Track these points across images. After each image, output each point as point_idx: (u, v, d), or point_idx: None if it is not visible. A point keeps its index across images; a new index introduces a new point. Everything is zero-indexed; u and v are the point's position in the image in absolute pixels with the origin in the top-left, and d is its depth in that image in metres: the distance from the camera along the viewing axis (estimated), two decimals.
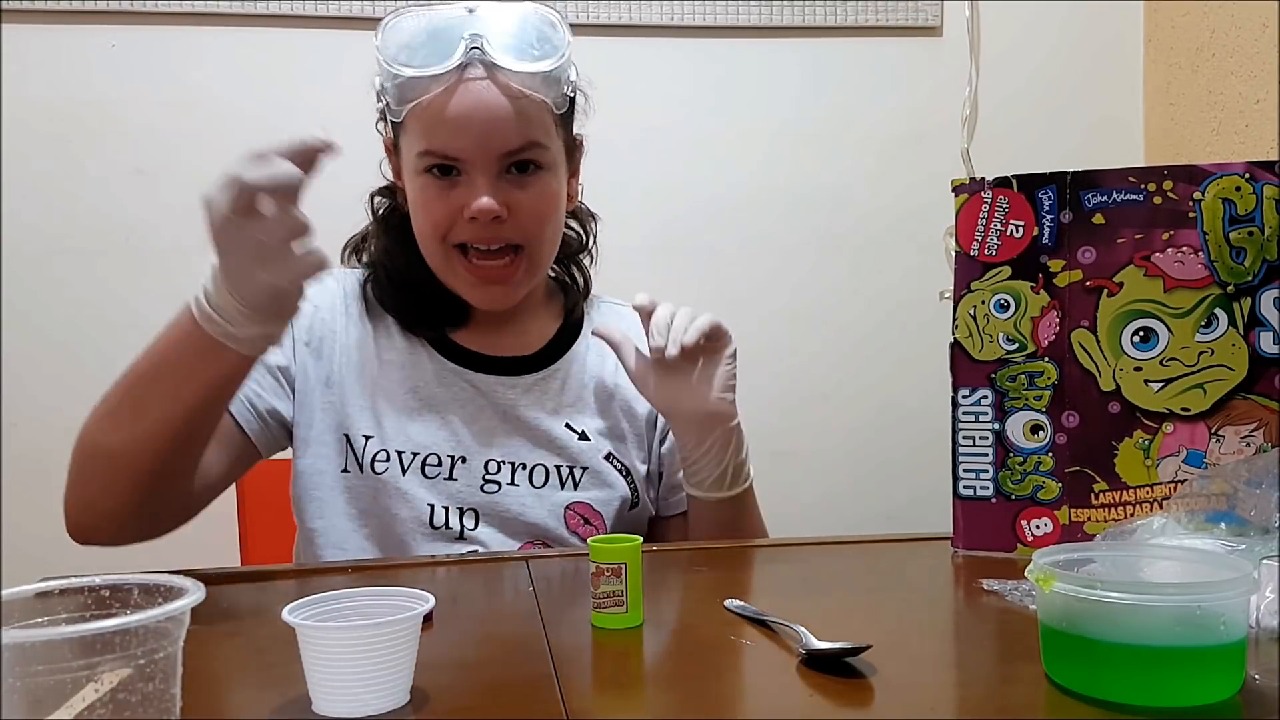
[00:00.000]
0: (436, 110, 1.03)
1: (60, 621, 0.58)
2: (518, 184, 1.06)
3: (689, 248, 2.01)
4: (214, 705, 0.66)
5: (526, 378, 1.15)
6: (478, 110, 1.03)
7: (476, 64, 1.03)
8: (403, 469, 1.09)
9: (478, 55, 1.02)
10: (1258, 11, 1.78)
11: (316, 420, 1.11)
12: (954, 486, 0.99)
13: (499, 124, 1.03)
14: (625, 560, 0.78)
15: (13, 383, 1.83)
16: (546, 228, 1.10)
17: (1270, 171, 0.91)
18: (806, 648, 0.70)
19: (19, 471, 1.83)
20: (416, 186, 1.08)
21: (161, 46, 1.86)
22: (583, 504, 1.13)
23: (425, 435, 1.10)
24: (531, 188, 1.07)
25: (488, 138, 1.03)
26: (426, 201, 1.07)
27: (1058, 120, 2.10)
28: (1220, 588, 0.61)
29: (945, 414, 0.99)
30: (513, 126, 1.04)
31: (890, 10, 2.03)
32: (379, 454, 1.09)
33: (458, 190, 1.05)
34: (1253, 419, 0.93)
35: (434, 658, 0.68)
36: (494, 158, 1.04)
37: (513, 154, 1.05)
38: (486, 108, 1.03)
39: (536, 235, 1.09)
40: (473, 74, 1.03)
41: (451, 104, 1.03)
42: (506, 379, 1.14)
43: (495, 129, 1.03)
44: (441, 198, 1.06)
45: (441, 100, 1.03)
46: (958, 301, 0.98)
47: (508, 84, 1.03)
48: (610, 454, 1.15)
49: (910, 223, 2.05)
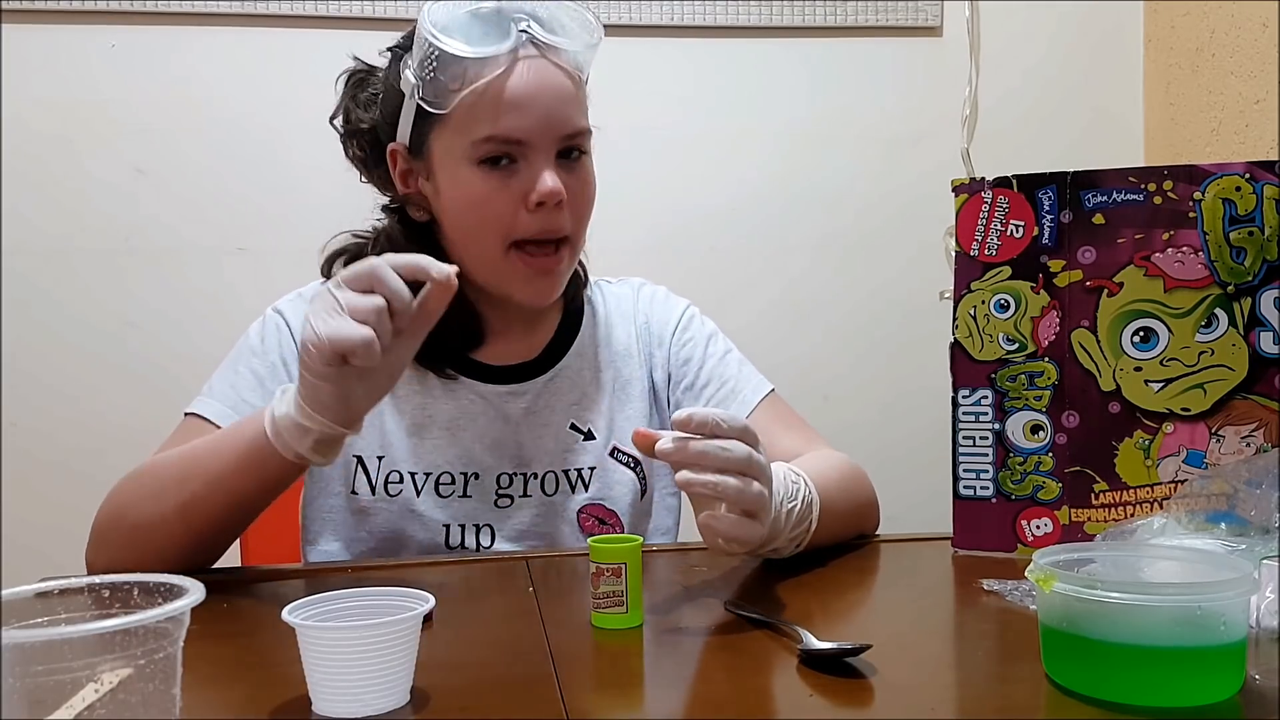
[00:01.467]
0: (497, 92, 1.00)
1: (60, 621, 0.58)
2: (568, 170, 1.04)
3: (688, 247, 2.01)
4: (214, 705, 0.66)
5: (534, 382, 1.13)
6: (542, 90, 1.01)
7: (528, 44, 1.01)
8: (417, 490, 1.08)
9: (529, 36, 1.01)
10: (1258, 11, 1.78)
11: None
12: (954, 486, 0.99)
13: (562, 105, 1.02)
14: (625, 560, 0.78)
15: (14, 382, 1.83)
16: (588, 215, 1.08)
17: (1270, 171, 0.91)
18: (806, 648, 0.70)
19: (19, 471, 1.83)
20: (469, 181, 1.03)
21: (161, 46, 1.86)
22: (595, 505, 1.12)
23: (437, 454, 1.09)
24: (578, 173, 1.05)
25: (551, 119, 1.01)
26: (485, 197, 1.02)
27: (1058, 120, 2.10)
28: (1220, 588, 0.61)
29: (945, 414, 0.99)
30: (571, 106, 1.03)
31: (890, 10, 2.03)
32: (392, 475, 1.08)
33: (516, 180, 1.02)
34: (1253, 419, 0.93)
35: (434, 658, 0.68)
36: (556, 139, 1.02)
37: (570, 136, 1.03)
38: (551, 87, 1.01)
39: (581, 223, 1.07)
40: (525, 53, 1.01)
41: (512, 84, 1.00)
42: (514, 387, 1.12)
43: (558, 110, 1.02)
44: (503, 188, 1.02)
45: (500, 81, 1.00)
46: (958, 301, 0.98)
47: (560, 63, 1.03)
48: (615, 448, 1.14)
49: (910, 223, 2.05)
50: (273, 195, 1.90)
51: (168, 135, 1.87)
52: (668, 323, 1.20)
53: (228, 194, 1.89)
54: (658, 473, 1.17)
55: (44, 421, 1.84)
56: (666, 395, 1.19)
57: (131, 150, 1.86)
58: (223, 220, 1.89)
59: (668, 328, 1.20)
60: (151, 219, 1.87)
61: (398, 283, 0.81)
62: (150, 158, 1.87)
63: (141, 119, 1.86)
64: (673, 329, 1.20)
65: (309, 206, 1.87)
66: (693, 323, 1.21)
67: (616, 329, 1.19)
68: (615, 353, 1.18)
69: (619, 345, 1.18)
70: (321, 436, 0.86)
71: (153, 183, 1.87)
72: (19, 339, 1.83)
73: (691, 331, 1.20)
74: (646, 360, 1.19)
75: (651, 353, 1.19)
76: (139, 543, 0.93)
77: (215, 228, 1.89)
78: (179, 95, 1.87)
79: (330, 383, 0.82)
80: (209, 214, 1.89)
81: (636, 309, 1.21)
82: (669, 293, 1.25)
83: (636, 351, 1.18)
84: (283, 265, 1.87)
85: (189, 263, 1.88)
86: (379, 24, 1.87)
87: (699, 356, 1.18)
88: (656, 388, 1.19)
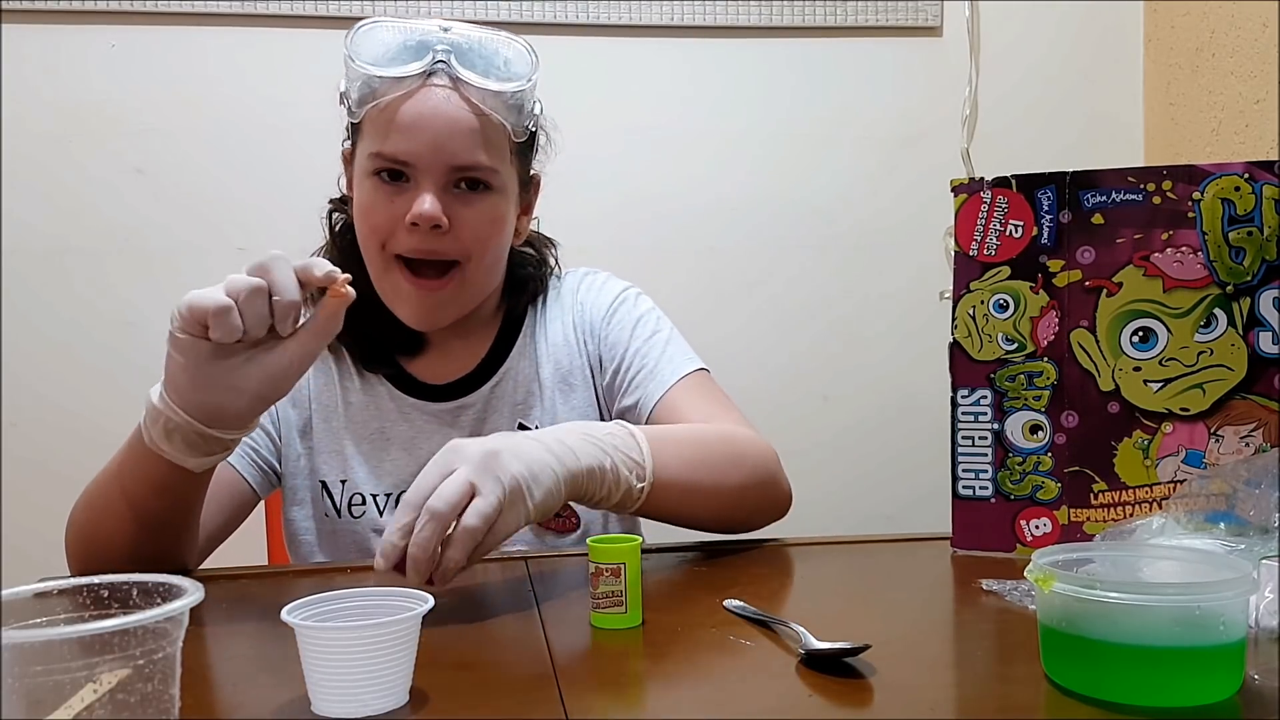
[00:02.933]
0: (393, 111, 1.02)
1: (59, 621, 0.58)
2: (464, 200, 1.05)
3: (687, 247, 2.01)
4: (214, 705, 0.66)
5: (479, 392, 1.15)
6: (435, 118, 1.02)
7: (442, 74, 1.03)
8: (379, 510, 1.11)
9: (444, 67, 1.02)
10: (1258, 11, 1.78)
11: (299, 468, 1.13)
12: (953, 486, 0.99)
13: (455, 135, 1.02)
14: (624, 560, 0.78)
15: (13, 383, 1.83)
16: (488, 249, 1.08)
17: (1269, 172, 0.91)
18: (806, 648, 0.70)
19: (19, 471, 1.83)
20: (364, 191, 1.06)
21: (161, 46, 1.86)
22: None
23: (396, 474, 1.11)
24: (477, 205, 1.05)
25: (441, 146, 1.02)
26: (371, 204, 1.05)
27: (1057, 120, 2.10)
28: (1220, 588, 0.61)
29: (944, 414, 0.99)
30: (467, 141, 1.03)
31: (890, 10, 2.03)
32: (354, 498, 1.11)
33: (403, 197, 1.03)
34: (1252, 419, 0.93)
35: (434, 658, 0.68)
36: (444, 168, 1.03)
37: (463, 169, 1.04)
38: (444, 116, 1.02)
39: (476, 253, 1.06)
40: (436, 83, 1.03)
41: (409, 107, 1.02)
42: (462, 401, 1.14)
43: (450, 139, 1.02)
44: (386, 202, 1.04)
45: (399, 102, 1.02)
46: (957, 301, 0.98)
47: (468, 99, 1.03)
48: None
49: (909, 223, 2.05)
50: (272, 196, 1.90)
51: (167, 135, 1.87)
52: (599, 308, 1.20)
53: (227, 194, 1.89)
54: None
55: (42, 422, 1.84)
56: (600, 382, 1.19)
57: (131, 150, 1.86)
58: (222, 221, 1.89)
59: (599, 313, 1.19)
60: (150, 219, 1.87)
61: (286, 276, 0.80)
62: (149, 158, 1.86)
63: (141, 119, 1.86)
64: (603, 314, 1.19)
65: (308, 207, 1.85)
66: (623, 306, 1.20)
67: (554, 322, 1.19)
68: (554, 345, 1.18)
69: (556, 338, 1.18)
70: (174, 425, 0.83)
71: (152, 183, 1.87)
72: (17, 339, 1.83)
73: (620, 314, 1.19)
74: (583, 348, 1.19)
75: (585, 340, 1.19)
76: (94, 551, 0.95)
77: (214, 228, 1.89)
78: (178, 95, 1.87)
79: (184, 354, 0.80)
80: (208, 214, 1.89)
81: (575, 300, 1.21)
82: (609, 278, 1.24)
83: (575, 340, 1.18)
84: None
85: (188, 263, 1.88)
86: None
87: (624, 340, 1.17)
88: (595, 377, 1.18)
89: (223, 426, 0.84)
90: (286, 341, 0.82)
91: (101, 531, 0.94)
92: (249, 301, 0.78)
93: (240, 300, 0.78)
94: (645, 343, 1.16)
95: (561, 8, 1.90)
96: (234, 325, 0.78)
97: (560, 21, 1.89)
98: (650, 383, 1.13)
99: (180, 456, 0.85)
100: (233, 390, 0.82)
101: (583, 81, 1.91)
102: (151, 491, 0.90)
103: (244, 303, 0.78)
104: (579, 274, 1.24)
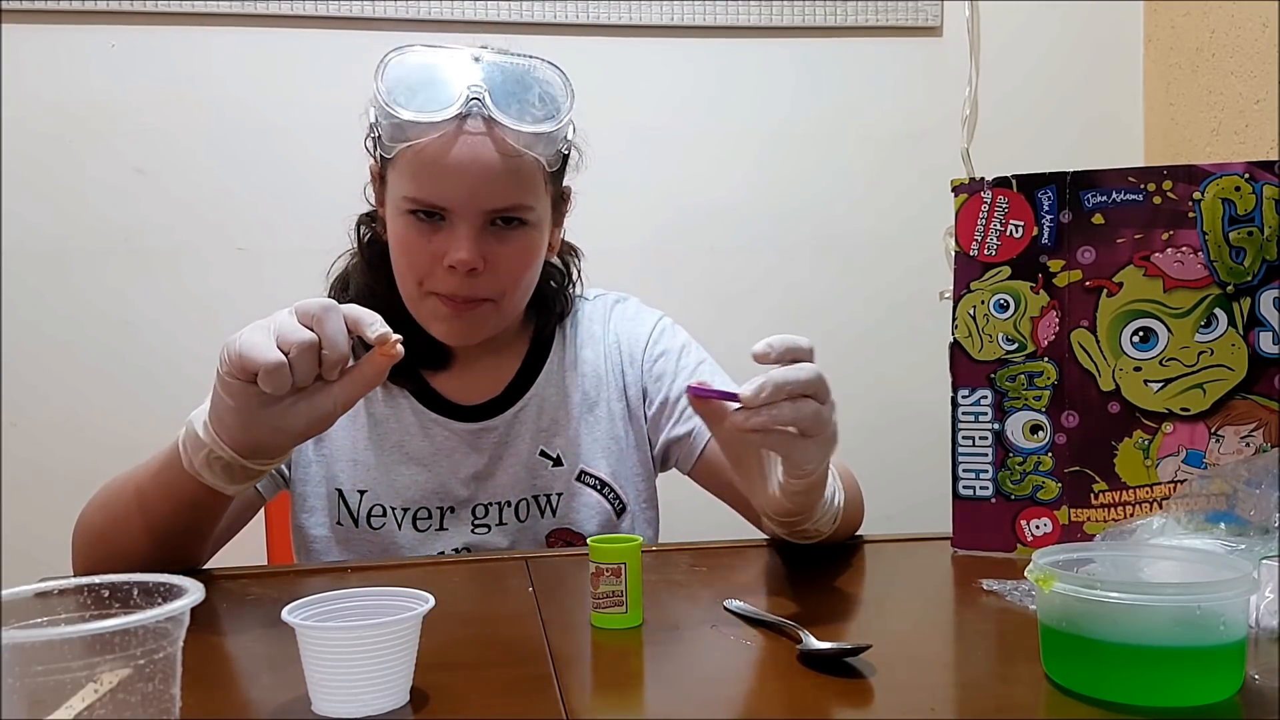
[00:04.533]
0: (429, 158, 1.00)
1: (60, 621, 0.58)
2: (500, 238, 1.04)
3: (687, 247, 2.01)
4: (214, 705, 0.66)
5: (503, 416, 1.14)
6: (472, 166, 1.00)
7: (476, 116, 1.00)
8: (398, 524, 1.10)
9: (478, 108, 1.00)
10: (1258, 11, 1.78)
11: (311, 475, 1.12)
12: (954, 486, 0.99)
13: (491, 181, 1.01)
14: (625, 560, 0.78)
15: (13, 383, 1.83)
16: (522, 281, 1.08)
17: (1270, 171, 0.91)
18: (806, 648, 0.70)
19: (19, 471, 1.83)
20: (399, 226, 1.05)
21: (161, 46, 1.86)
22: (562, 529, 1.13)
23: (414, 490, 1.11)
24: (513, 243, 1.05)
25: (476, 193, 1.01)
26: (407, 245, 1.05)
27: (1057, 120, 2.10)
28: (1220, 588, 0.61)
29: (945, 414, 0.99)
30: (504, 184, 1.02)
31: (890, 10, 2.03)
32: (374, 509, 1.10)
33: (439, 237, 1.02)
34: (1252, 419, 0.93)
35: (434, 658, 0.68)
36: (480, 212, 1.02)
37: (500, 211, 1.03)
38: (480, 164, 1.00)
39: (511, 289, 1.07)
40: (471, 127, 1.00)
41: (442, 151, 1.00)
42: (486, 424, 1.13)
43: (486, 185, 1.01)
44: (422, 243, 1.03)
45: (435, 149, 1.00)
46: (957, 301, 0.98)
47: (504, 140, 1.00)
48: (583, 471, 1.14)
49: (910, 223, 2.05)
50: (272, 196, 1.90)
51: (167, 135, 1.87)
52: (639, 339, 1.20)
53: (227, 194, 1.89)
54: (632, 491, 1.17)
55: (41, 422, 1.84)
56: (642, 412, 1.19)
57: (131, 150, 1.86)
58: (222, 221, 1.89)
59: (639, 345, 1.19)
60: (151, 219, 1.87)
61: (337, 329, 0.79)
62: (150, 158, 1.86)
63: (141, 119, 1.86)
64: (644, 345, 1.19)
65: (308, 207, 1.87)
66: (664, 336, 1.20)
67: (585, 350, 1.19)
68: (583, 375, 1.18)
69: (587, 367, 1.18)
70: (215, 456, 0.84)
71: (152, 183, 1.87)
72: (17, 339, 1.83)
73: (663, 345, 1.19)
74: (618, 379, 1.18)
75: (623, 371, 1.19)
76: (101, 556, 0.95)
77: (214, 228, 1.89)
78: (179, 95, 1.87)
79: (233, 398, 0.81)
80: (208, 214, 1.89)
81: (607, 329, 1.20)
82: (640, 306, 1.24)
83: (605, 372, 1.18)
84: (282, 266, 1.88)
85: (188, 263, 1.88)
86: (381, 24, 1.87)
87: (671, 370, 1.18)
88: (631, 406, 1.18)
89: (264, 459, 0.85)
90: (332, 385, 0.82)
91: (113, 540, 0.94)
92: (300, 357, 0.78)
93: (291, 355, 0.78)
94: (693, 373, 1.17)
95: (561, 8, 1.90)
96: (285, 380, 0.79)
97: (560, 21, 1.89)
98: None
99: (219, 484, 0.86)
100: (279, 431, 0.83)
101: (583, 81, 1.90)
102: (177, 507, 0.90)
103: (295, 358, 0.78)
104: (608, 300, 1.24)
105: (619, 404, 1.18)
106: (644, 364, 1.19)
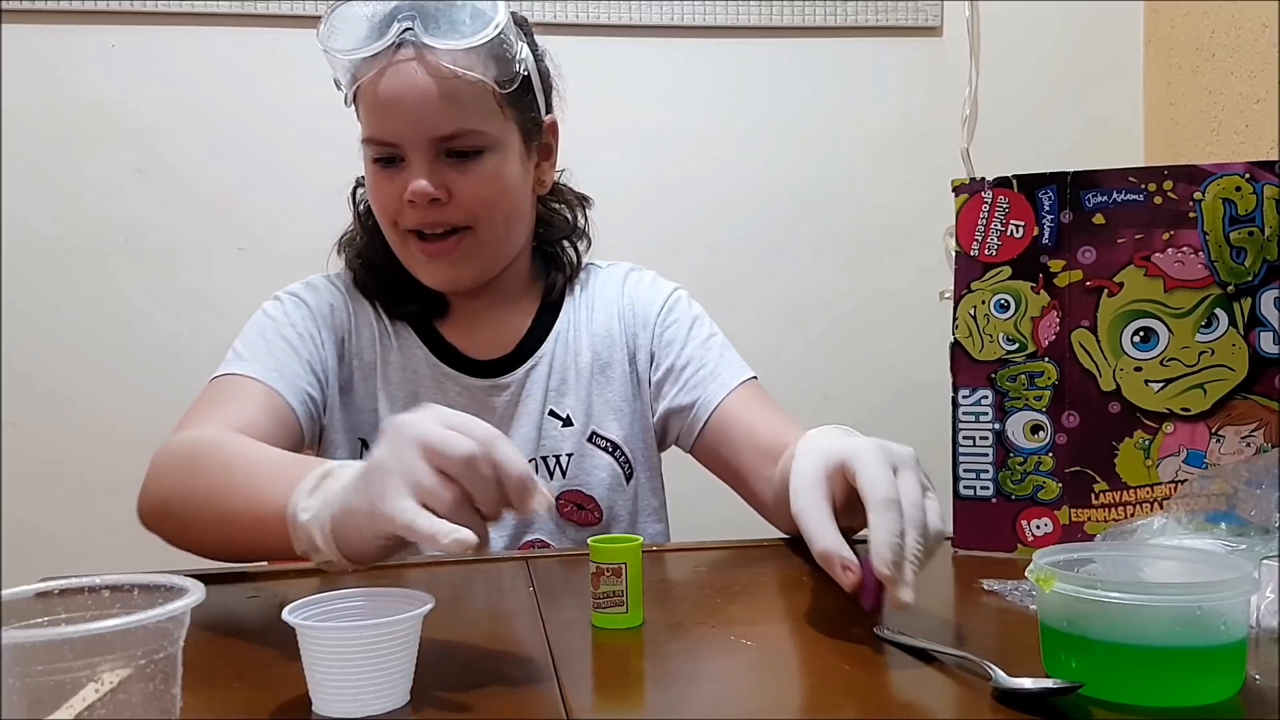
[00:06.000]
0: (370, 94, 1.03)
1: (60, 621, 0.58)
2: (457, 168, 1.05)
3: (687, 247, 2.01)
4: (214, 705, 0.66)
5: (514, 374, 1.14)
6: (408, 93, 1.01)
7: (408, 45, 1.01)
8: None
9: (410, 36, 1.01)
10: (1258, 11, 1.78)
11: (334, 423, 1.12)
12: (954, 486, 0.99)
13: (429, 106, 1.02)
14: (625, 560, 0.77)
15: (14, 382, 1.83)
16: (496, 209, 1.08)
17: (1270, 171, 0.91)
18: (999, 685, 0.62)
19: (20, 470, 1.83)
20: (369, 174, 1.08)
21: (162, 46, 1.86)
22: (573, 491, 1.13)
23: None
24: (473, 171, 1.05)
25: (416, 121, 1.02)
26: (375, 188, 1.08)
27: (1058, 120, 2.10)
28: (1220, 588, 0.61)
29: (945, 414, 0.99)
30: (445, 110, 1.02)
31: (890, 10, 2.03)
32: None
33: (400, 176, 1.04)
34: (1253, 419, 0.93)
35: (434, 658, 0.68)
36: (427, 141, 1.03)
37: (447, 139, 1.03)
38: (416, 90, 1.01)
39: (484, 217, 1.07)
40: (403, 55, 1.01)
41: (381, 86, 1.02)
42: (495, 381, 1.14)
43: (426, 112, 1.02)
44: (387, 183, 1.06)
45: (373, 84, 1.02)
46: (958, 301, 0.98)
47: (438, 64, 1.01)
48: (594, 433, 1.15)
49: (910, 223, 2.05)
50: (271, 196, 1.90)
51: (167, 135, 1.87)
52: (653, 304, 1.20)
53: (226, 194, 1.89)
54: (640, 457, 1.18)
55: (41, 422, 1.84)
56: (649, 378, 1.19)
57: (130, 150, 1.86)
58: (221, 221, 1.89)
59: (652, 309, 1.20)
60: (150, 219, 1.87)
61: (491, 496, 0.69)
62: (149, 158, 1.87)
63: (141, 119, 1.86)
64: (657, 311, 1.20)
65: (308, 207, 1.86)
66: (678, 305, 1.21)
67: (599, 312, 1.19)
68: (596, 336, 1.18)
69: (600, 329, 1.18)
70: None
71: (151, 183, 1.87)
72: (16, 339, 1.83)
73: (677, 313, 1.20)
74: (629, 343, 1.19)
75: (635, 334, 1.19)
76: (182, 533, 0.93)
77: (214, 228, 1.89)
78: (178, 95, 1.87)
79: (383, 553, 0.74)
80: (208, 214, 1.89)
81: (622, 293, 1.21)
82: (657, 276, 1.25)
83: (619, 334, 1.18)
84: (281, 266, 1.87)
85: (187, 263, 1.88)
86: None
87: (681, 338, 1.18)
88: (639, 371, 1.18)
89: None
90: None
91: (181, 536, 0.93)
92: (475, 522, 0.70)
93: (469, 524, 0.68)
94: (703, 345, 1.17)
95: (561, 8, 1.90)
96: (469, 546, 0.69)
97: (560, 21, 1.89)
98: (711, 384, 1.14)
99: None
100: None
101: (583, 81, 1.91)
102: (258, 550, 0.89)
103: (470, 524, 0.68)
104: (623, 267, 1.25)
105: (629, 368, 1.18)
106: (655, 329, 1.19)
